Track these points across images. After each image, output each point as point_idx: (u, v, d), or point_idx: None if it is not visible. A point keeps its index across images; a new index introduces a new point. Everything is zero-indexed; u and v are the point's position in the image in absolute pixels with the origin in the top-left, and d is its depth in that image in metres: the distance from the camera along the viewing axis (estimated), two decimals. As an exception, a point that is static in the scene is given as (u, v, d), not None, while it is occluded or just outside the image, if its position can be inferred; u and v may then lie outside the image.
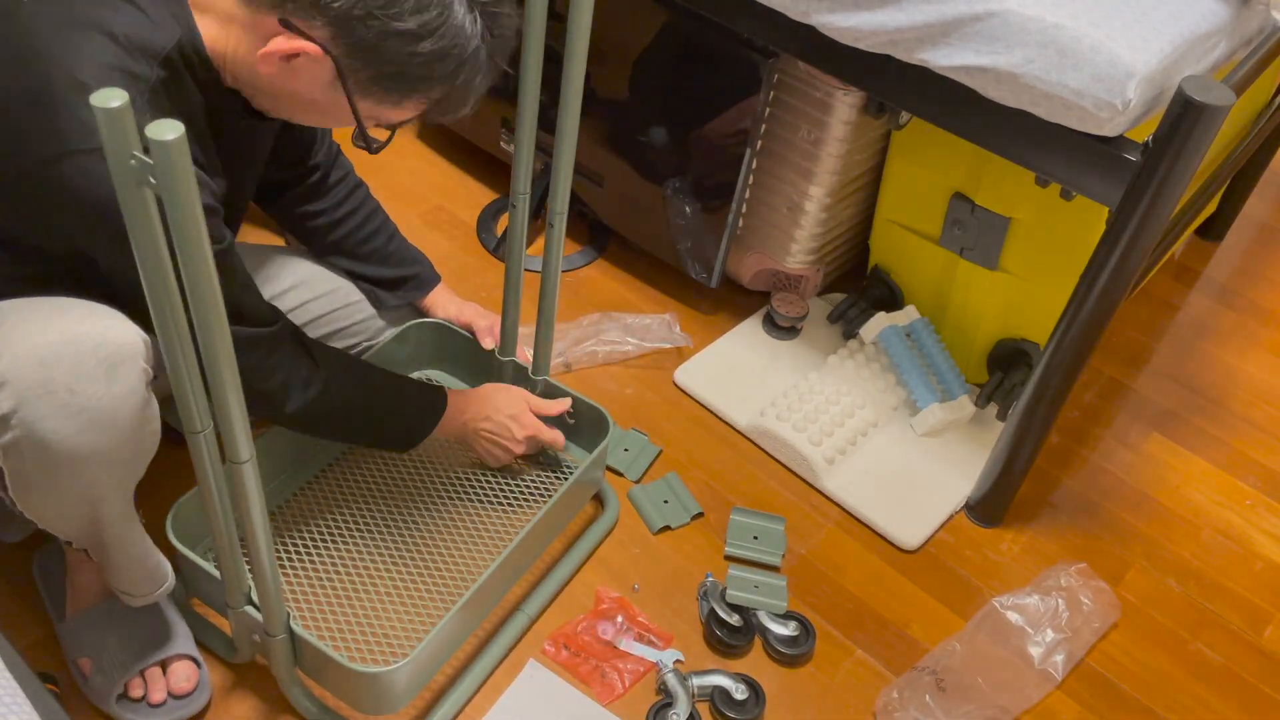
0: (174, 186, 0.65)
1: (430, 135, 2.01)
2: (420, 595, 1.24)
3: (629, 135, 1.63)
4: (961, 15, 1.15)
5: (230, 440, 0.86)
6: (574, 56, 1.03)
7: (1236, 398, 1.74)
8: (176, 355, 0.79)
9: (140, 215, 0.69)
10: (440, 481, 1.37)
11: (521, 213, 1.19)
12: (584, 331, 1.63)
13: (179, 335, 0.78)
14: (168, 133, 0.63)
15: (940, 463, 1.52)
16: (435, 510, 1.33)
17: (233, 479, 0.89)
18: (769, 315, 1.69)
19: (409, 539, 1.29)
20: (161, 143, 0.63)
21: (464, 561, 1.28)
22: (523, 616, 1.25)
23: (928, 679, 1.25)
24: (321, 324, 1.33)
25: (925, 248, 1.60)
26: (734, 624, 1.27)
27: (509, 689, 1.19)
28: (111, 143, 0.64)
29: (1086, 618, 1.34)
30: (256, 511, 0.93)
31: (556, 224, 1.18)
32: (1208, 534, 1.51)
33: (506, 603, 1.27)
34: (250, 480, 0.90)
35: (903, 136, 1.56)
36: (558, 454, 1.40)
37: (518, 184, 1.16)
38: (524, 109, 1.09)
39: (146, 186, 0.67)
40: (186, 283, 0.73)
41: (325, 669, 1.07)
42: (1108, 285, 1.19)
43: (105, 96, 0.62)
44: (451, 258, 1.76)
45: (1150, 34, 1.12)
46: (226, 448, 0.87)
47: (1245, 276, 2.01)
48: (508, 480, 1.38)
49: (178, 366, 0.80)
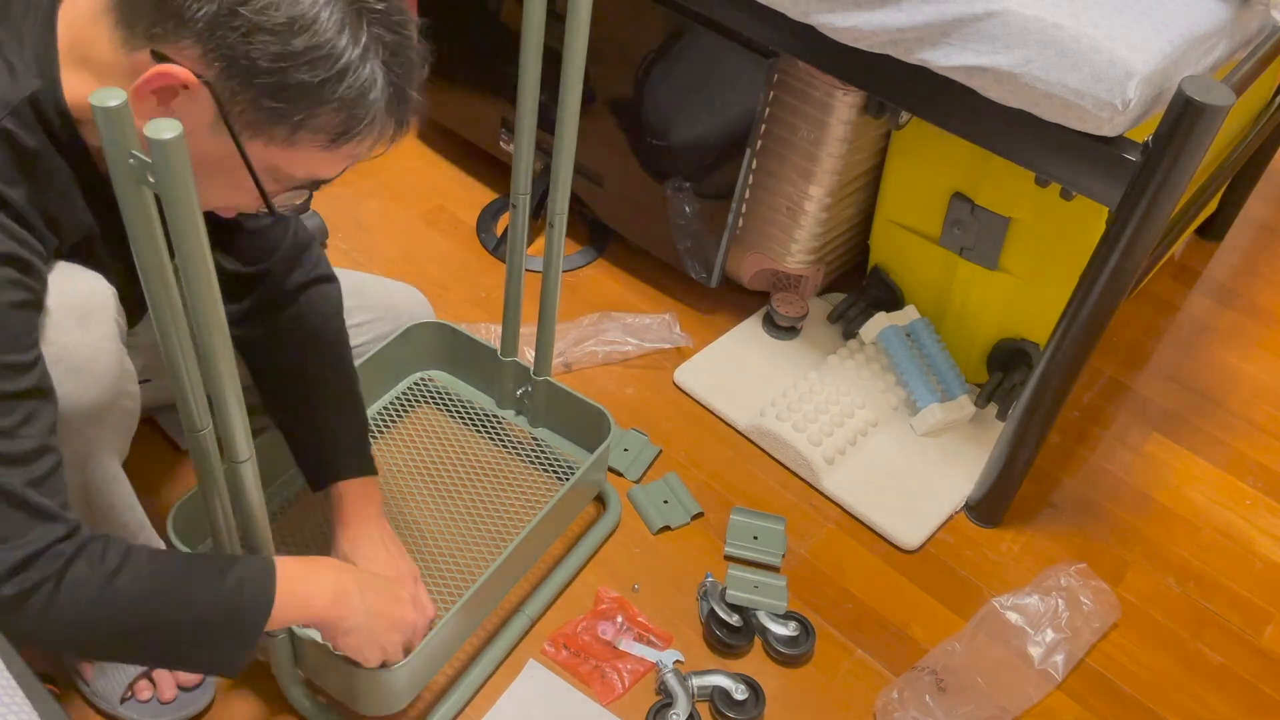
0: (172, 184, 0.66)
1: (430, 135, 2.01)
2: None
3: (629, 135, 1.63)
4: (961, 15, 1.15)
5: (229, 440, 0.86)
6: (573, 57, 1.03)
7: (1236, 398, 1.74)
8: (176, 353, 0.79)
9: (140, 215, 0.69)
10: (440, 483, 1.37)
11: (522, 213, 1.19)
12: (584, 331, 1.63)
13: (179, 333, 0.78)
14: (166, 131, 0.63)
15: (940, 463, 1.52)
16: (435, 512, 1.33)
17: (233, 478, 0.89)
18: (769, 315, 1.69)
19: (409, 540, 1.29)
20: (160, 141, 0.63)
21: (464, 562, 1.28)
22: (523, 617, 1.25)
23: (928, 679, 1.25)
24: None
25: (925, 248, 1.60)
26: (734, 624, 1.27)
27: (509, 689, 1.19)
28: (110, 141, 0.65)
29: (1086, 618, 1.34)
30: (256, 511, 0.93)
31: (557, 224, 1.18)
32: (1208, 534, 1.51)
33: (507, 603, 1.27)
34: (250, 479, 0.90)
35: (903, 136, 1.56)
36: (558, 455, 1.40)
37: (518, 185, 1.16)
38: (523, 109, 1.09)
39: (146, 185, 0.67)
40: (185, 281, 0.73)
41: (326, 668, 1.07)
42: (1108, 285, 1.19)
43: (104, 96, 0.63)
44: (451, 258, 1.76)
45: (1150, 34, 1.12)
46: (226, 447, 0.87)
47: (1245, 276, 2.01)
48: (508, 482, 1.38)
49: (177, 364, 0.80)
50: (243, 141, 0.83)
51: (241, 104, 0.81)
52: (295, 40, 0.78)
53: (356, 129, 0.84)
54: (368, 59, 0.82)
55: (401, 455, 1.39)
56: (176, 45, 0.79)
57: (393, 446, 1.40)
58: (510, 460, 1.41)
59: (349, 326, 1.31)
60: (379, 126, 0.86)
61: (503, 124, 1.81)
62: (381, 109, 0.84)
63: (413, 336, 1.41)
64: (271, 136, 0.83)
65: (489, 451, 1.42)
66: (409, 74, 0.86)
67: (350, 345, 1.21)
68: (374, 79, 0.83)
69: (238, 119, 0.81)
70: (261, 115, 0.81)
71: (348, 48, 0.80)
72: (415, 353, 1.45)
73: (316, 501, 1.31)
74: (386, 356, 1.39)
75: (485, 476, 1.38)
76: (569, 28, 1.00)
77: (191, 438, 0.86)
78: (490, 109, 1.81)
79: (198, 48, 0.78)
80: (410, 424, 1.44)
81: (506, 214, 1.87)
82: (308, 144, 0.84)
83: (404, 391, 1.46)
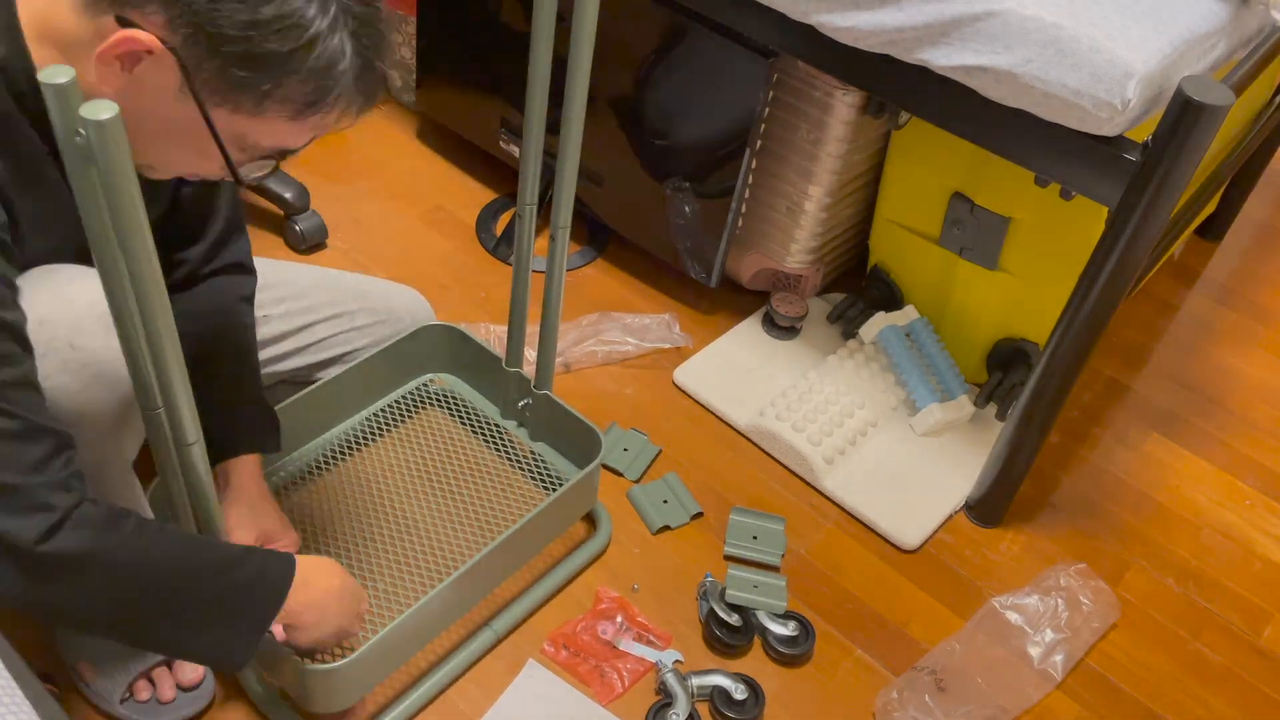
0: (109, 165, 0.66)
1: (430, 135, 2.01)
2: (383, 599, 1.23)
3: (628, 135, 1.63)
4: (961, 15, 1.15)
5: (178, 421, 0.86)
6: (577, 69, 1.02)
7: (1236, 398, 1.74)
8: (131, 332, 0.79)
9: (88, 192, 0.69)
10: (433, 486, 1.37)
11: (529, 222, 1.18)
12: (583, 332, 1.63)
13: (129, 310, 0.77)
14: (103, 112, 0.63)
15: (940, 463, 1.52)
16: (420, 512, 1.33)
17: (183, 462, 0.90)
18: (768, 315, 1.69)
19: (392, 536, 1.29)
20: (96, 122, 0.63)
21: (438, 565, 1.27)
22: (490, 632, 1.24)
23: (927, 679, 1.25)
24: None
25: (925, 247, 1.60)
26: (734, 624, 1.27)
27: (508, 689, 1.19)
28: (59, 119, 0.65)
29: (1086, 618, 1.34)
30: (208, 493, 0.94)
31: (559, 237, 1.17)
32: (1207, 534, 1.51)
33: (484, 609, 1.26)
34: (199, 463, 0.90)
35: (902, 136, 1.56)
36: (554, 471, 1.39)
37: (525, 194, 1.15)
38: (531, 118, 1.07)
39: (92, 163, 0.67)
40: (126, 260, 0.73)
41: (273, 662, 1.07)
42: (1107, 285, 1.19)
43: (52, 73, 0.63)
44: (451, 258, 1.76)
45: (1150, 34, 1.12)
46: (173, 428, 0.86)
47: (1245, 276, 2.01)
48: (500, 492, 1.37)
49: (132, 342, 0.80)
50: (209, 109, 0.81)
51: (208, 72, 0.79)
52: (264, 8, 0.77)
53: (324, 100, 0.83)
54: (336, 29, 0.81)
55: (401, 454, 1.39)
56: (142, 10, 0.77)
57: (393, 444, 1.40)
58: (507, 471, 1.40)
59: (350, 330, 1.32)
60: (346, 98, 0.85)
61: (502, 124, 1.81)
62: (350, 81, 0.84)
63: (422, 337, 1.40)
64: (238, 105, 0.82)
65: (488, 459, 1.41)
66: (377, 46, 0.85)
67: (254, 335, 1.19)
68: (342, 50, 0.82)
69: (203, 86, 0.80)
70: (228, 83, 0.80)
71: (316, 18, 0.79)
72: (425, 353, 1.44)
73: (296, 505, 1.32)
74: (395, 354, 1.37)
75: (478, 484, 1.37)
76: (574, 39, 0.99)
77: (146, 416, 0.86)
78: (490, 109, 1.81)
79: (163, 14, 0.77)
80: (414, 424, 1.44)
81: (506, 214, 1.87)
82: (274, 114, 0.83)
83: (411, 391, 1.45)
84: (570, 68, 1.01)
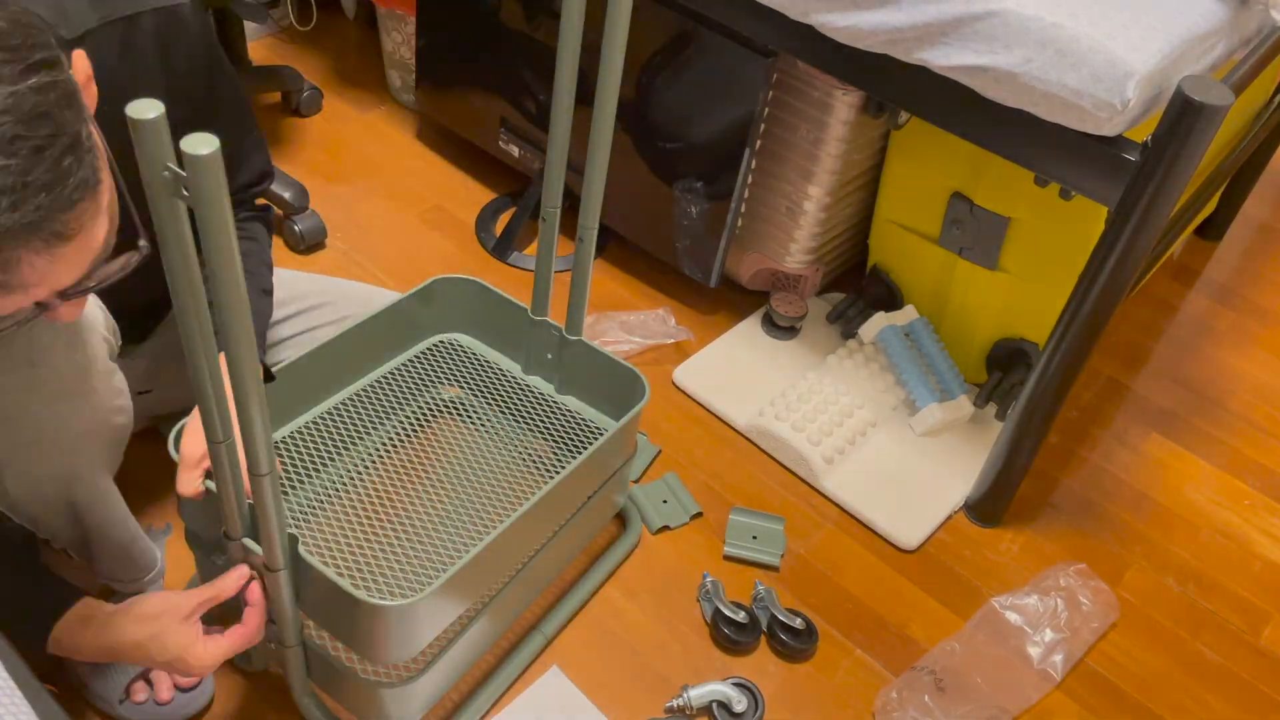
0: (206, 199, 0.64)
1: (430, 135, 2.01)
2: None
3: (628, 134, 1.63)
4: (961, 15, 1.15)
5: (252, 451, 0.84)
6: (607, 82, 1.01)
7: (1236, 398, 1.74)
8: (201, 365, 0.78)
9: (172, 226, 0.68)
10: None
11: (552, 226, 1.18)
12: (583, 331, 1.63)
13: (205, 344, 0.76)
14: (202, 147, 0.62)
15: (939, 462, 1.52)
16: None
17: (256, 491, 0.87)
18: (768, 315, 1.69)
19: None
20: (196, 157, 0.62)
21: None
22: (539, 635, 1.24)
23: (927, 679, 1.25)
24: None
25: (924, 247, 1.60)
26: (740, 620, 1.27)
27: (528, 689, 1.19)
28: (146, 154, 0.63)
29: (1085, 618, 1.34)
30: (274, 527, 0.92)
31: (586, 239, 1.18)
32: (1207, 534, 1.51)
33: (524, 621, 1.26)
34: (269, 494, 0.88)
35: (902, 136, 1.56)
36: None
37: (549, 199, 1.15)
38: (557, 127, 1.07)
39: (179, 199, 0.66)
40: (215, 293, 0.71)
41: (338, 681, 1.06)
42: (1107, 285, 1.19)
43: (141, 108, 0.61)
44: (450, 257, 1.76)
45: (1149, 34, 1.12)
46: (248, 459, 0.85)
47: (1244, 276, 2.01)
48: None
49: (202, 375, 0.78)
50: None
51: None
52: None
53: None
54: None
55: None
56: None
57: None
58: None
59: (331, 322, 1.30)
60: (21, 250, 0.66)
61: (502, 124, 1.81)
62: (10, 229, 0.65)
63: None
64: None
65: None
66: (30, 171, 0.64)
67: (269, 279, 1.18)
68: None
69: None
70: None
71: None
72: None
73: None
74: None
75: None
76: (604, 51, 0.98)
77: (212, 449, 0.85)
78: (489, 109, 1.81)
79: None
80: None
81: (506, 214, 1.87)
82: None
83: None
84: (600, 80, 1.02)
